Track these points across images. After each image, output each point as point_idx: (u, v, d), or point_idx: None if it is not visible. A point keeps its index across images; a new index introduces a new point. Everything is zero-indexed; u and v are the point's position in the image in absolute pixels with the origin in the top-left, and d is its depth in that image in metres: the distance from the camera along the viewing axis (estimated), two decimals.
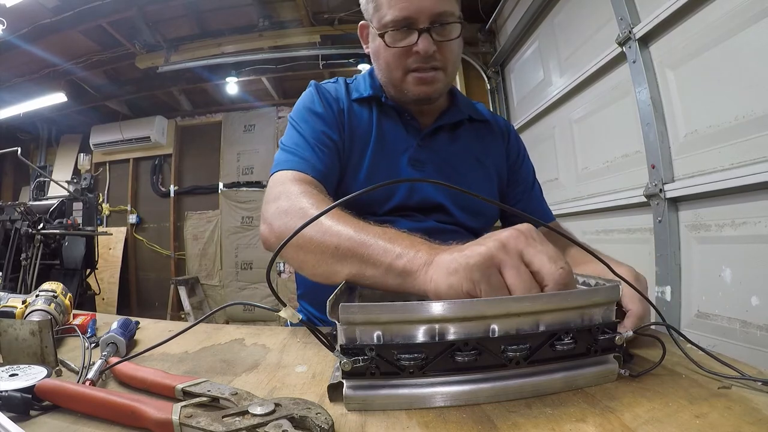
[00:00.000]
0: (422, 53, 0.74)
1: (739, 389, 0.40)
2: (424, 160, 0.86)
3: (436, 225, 0.83)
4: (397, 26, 0.74)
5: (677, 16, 1.42)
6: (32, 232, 3.06)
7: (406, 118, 0.87)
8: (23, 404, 0.38)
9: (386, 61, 0.79)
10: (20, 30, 3.13)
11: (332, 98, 0.86)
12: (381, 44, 0.78)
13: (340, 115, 0.84)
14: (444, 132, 0.89)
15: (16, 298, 0.65)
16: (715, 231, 1.34)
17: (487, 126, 0.96)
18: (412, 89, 0.79)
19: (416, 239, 0.53)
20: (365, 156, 0.83)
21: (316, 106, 0.83)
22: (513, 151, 0.98)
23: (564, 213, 2.26)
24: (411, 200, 0.83)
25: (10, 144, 3.38)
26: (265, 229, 0.68)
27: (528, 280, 0.42)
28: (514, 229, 0.45)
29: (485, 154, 0.93)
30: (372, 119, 0.86)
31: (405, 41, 0.75)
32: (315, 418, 0.35)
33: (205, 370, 0.51)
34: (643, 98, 1.58)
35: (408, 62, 0.77)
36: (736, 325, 1.25)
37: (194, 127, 5.00)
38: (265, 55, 3.67)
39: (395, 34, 0.75)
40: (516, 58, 2.93)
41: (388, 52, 0.77)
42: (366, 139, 0.84)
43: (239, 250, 4.65)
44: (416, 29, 0.74)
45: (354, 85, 0.90)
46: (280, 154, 0.79)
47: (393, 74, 0.80)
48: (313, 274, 0.62)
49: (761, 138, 1.17)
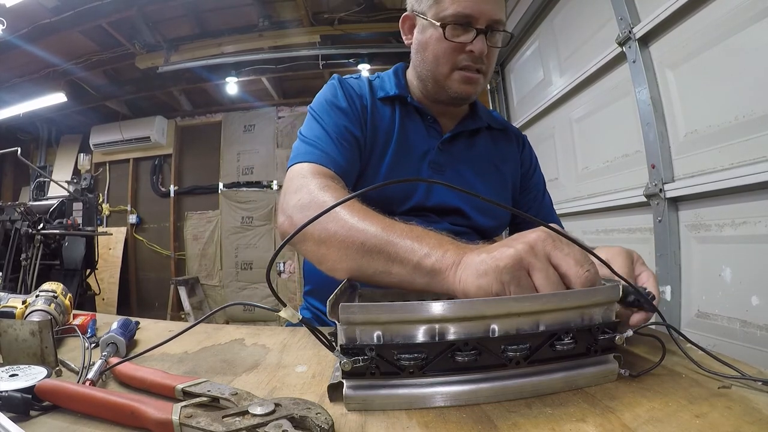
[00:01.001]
0: (476, 53, 0.75)
1: (739, 389, 0.40)
2: (443, 163, 0.86)
3: (450, 227, 0.83)
4: (457, 21, 0.75)
5: (677, 16, 1.42)
6: (32, 232, 3.06)
7: (429, 120, 0.87)
8: (23, 404, 0.38)
9: (435, 54, 0.79)
10: (20, 30, 3.13)
11: (356, 94, 0.85)
12: (433, 36, 0.78)
13: (363, 111, 0.84)
14: (463, 137, 0.90)
15: (16, 299, 0.65)
16: (715, 231, 1.34)
17: (504, 134, 0.97)
18: (455, 86, 0.80)
19: (444, 238, 0.53)
20: (386, 155, 0.83)
21: (340, 101, 0.83)
22: (526, 159, 1.00)
23: (564, 213, 2.26)
24: (428, 202, 0.83)
25: (10, 144, 3.38)
26: (285, 221, 0.67)
27: (556, 282, 0.42)
28: (542, 231, 0.45)
29: (501, 160, 0.94)
30: (395, 118, 0.86)
31: (462, 37, 0.75)
32: (315, 418, 0.35)
33: (205, 370, 0.51)
34: (643, 98, 1.58)
35: (459, 59, 0.78)
36: (736, 325, 1.25)
37: (194, 127, 5.00)
38: (265, 55, 3.68)
39: (455, 28, 0.75)
40: (516, 58, 2.93)
41: (441, 45, 0.77)
42: (388, 138, 0.84)
43: (239, 250, 4.65)
44: (475, 28, 0.75)
45: (378, 82, 0.90)
46: (299, 146, 0.78)
47: (440, 68, 0.79)
48: (334, 269, 0.61)
49: (761, 138, 1.17)
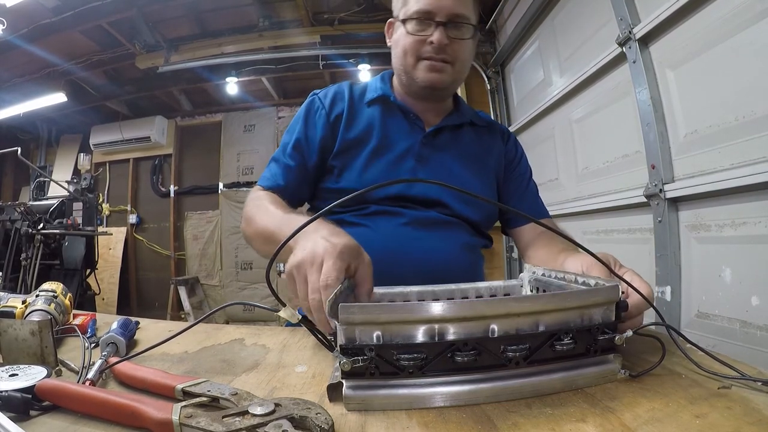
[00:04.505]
0: (436, 43, 0.84)
1: (739, 389, 0.40)
2: (426, 156, 0.93)
3: (438, 216, 0.90)
4: (419, 17, 0.84)
5: (677, 16, 1.42)
6: (32, 232, 3.06)
7: (411, 117, 0.94)
8: (23, 404, 0.38)
9: (403, 47, 0.88)
10: (20, 30, 3.13)
11: (324, 106, 0.93)
12: (402, 33, 0.88)
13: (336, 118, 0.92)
14: (447, 132, 0.96)
15: (16, 298, 0.65)
16: (715, 231, 1.34)
17: (488, 130, 1.03)
18: (421, 75, 0.88)
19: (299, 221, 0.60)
20: (366, 150, 0.90)
21: (299, 116, 0.94)
22: (511, 151, 1.05)
23: (564, 213, 2.26)
24: (410, 192, 0.90)
25: (10, 144, 3.39)
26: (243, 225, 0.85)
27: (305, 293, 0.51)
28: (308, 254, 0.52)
29: (485, 153, 1.00)
30: (378, 116, 0.94)
31: (423, 32, 0.85)
32: (315, 418, 0.35)
33: (205, 370, 0.51)
34: (643, 98, 1.58)
35: (422, 50, 0.86)
36: (736, 325, 1.25)
37: (194, 127, 4.99)
38: (265, 55, 3.67)
39: (416, 23, 0.85)
40: (516, 58, 2.93)
41: (407, 39, 0.87)
42: (368, 135, 0.92)
43: (239, 250, 4.65)
44: (434, 22, 0.84)
45: (360, 88, 0.99)
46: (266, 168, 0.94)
47: (407, 59, 0.88)
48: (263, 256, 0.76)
49: (761, 138, 1.17)
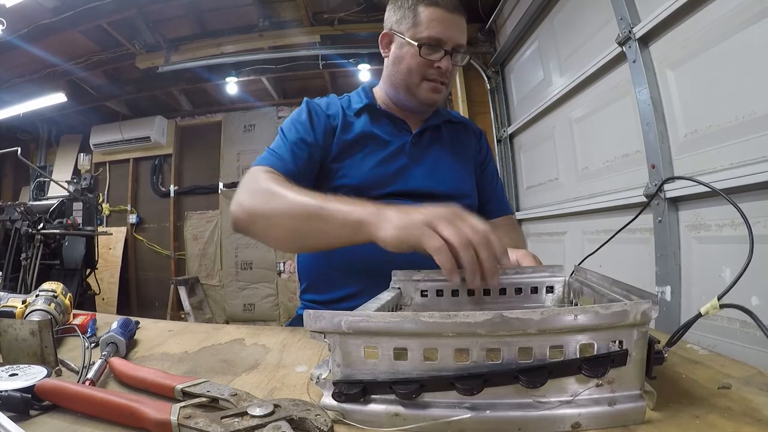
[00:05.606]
0: (443, 69, 0.93)
1: (739, 389, 0.40)
2: (418, 154, 1.01)
3: None
4: (430, 43, 0.92)
5: (677, 16, 1.42)
6: (32, 232, 3.06)
7: (398, 122, 1.03)
8: (23, 404, 0.38)
9: (409, 66, 0.95)
10: (20, 30, 3.13)
11: (322, 110, 0.98)
12: (409, 52, 0.94)
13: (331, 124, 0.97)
14: (429, 132, 1.06)
15: (16, 298, 0.65)
16: (715, 231, 1.34)
17: (463, 127, 1.14)
18: (424, 94, 0.97)
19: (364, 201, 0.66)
20: (364, 149, 0.97)
21: (302, 116, 0.96)
22: (483, 148, 1.16)
23: (564, 213, 2.26)
24: (404, 187, 0.96)
25: (10, 144, 3.38)
26: (237, 208, 0.78)
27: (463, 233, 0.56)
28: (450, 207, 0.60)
29: (464, 148, 1.11)
30: (368, 122, 1.01)
31: (434, 56, 0.93)
32: (314, 419, 0.35)
33: (205, 370, 0.51)
34: (643, 98, 1.58)
35: (428, 72, 0.95)
36: (736, 325, 1.25)
37: (194, 127, 4.99)
38: (265, 55, 3.67)
39: (428, 48, 0.92)
40: (516, 58, 2.93)
41: (415, 60, 0.93)
42: (363, 137, 0.98)
43: (239, 250, 4.65)
44: (443, 49, 0.92)
45: (345, 101, 1.04)
46: (261, 155, 0.91)
47: (412, 78, 0.96)
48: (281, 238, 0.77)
49: (761, 138, 1.16)
